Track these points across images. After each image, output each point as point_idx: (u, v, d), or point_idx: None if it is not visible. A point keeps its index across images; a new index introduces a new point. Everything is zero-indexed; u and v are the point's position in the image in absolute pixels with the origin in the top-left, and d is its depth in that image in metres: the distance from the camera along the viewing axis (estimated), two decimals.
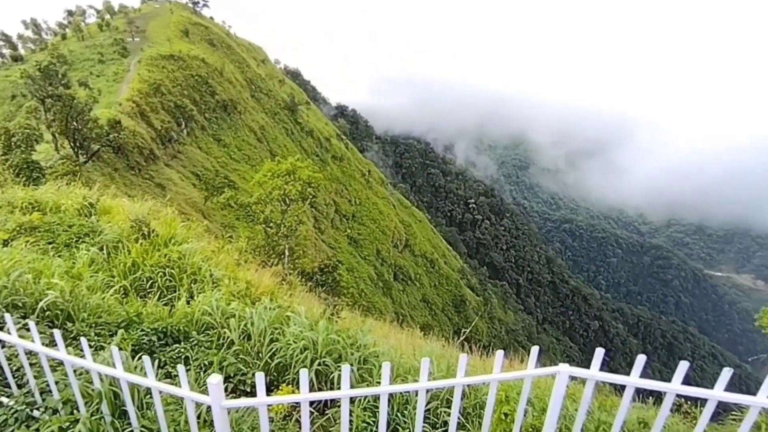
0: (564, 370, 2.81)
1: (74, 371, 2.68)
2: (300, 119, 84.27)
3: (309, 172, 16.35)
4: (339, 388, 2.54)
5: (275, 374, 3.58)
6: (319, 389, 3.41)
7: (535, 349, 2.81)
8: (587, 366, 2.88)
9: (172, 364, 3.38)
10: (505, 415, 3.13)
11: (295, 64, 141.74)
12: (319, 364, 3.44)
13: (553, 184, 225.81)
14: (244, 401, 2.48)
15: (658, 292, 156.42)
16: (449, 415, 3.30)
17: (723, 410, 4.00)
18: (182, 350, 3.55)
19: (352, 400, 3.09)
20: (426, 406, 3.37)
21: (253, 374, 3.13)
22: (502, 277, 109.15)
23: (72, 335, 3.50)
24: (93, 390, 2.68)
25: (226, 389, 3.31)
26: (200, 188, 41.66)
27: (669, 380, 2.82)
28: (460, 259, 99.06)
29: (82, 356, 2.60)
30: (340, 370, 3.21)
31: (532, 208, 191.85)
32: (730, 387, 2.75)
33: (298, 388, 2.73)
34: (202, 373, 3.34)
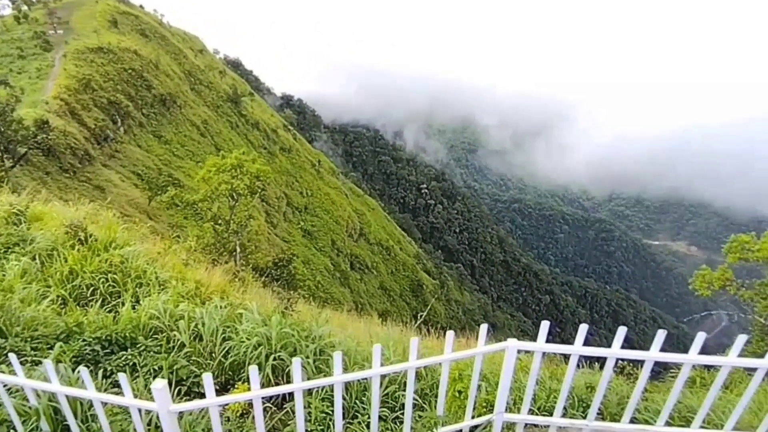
0: (512, 344, 2.94)
1: (8, 389, 2.57)
2: (244, 111, 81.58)
3: (256, 166, 16.10)
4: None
5: (230, 373, 3.55)
6: (276, 384, 3.38)
7: (484, 328, 2.89)
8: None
9: (120, 372, 3.27)
10: (459, 392, 3.20)
11: (235, 54, 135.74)
12: (274, 359, 3.43)
13: (501, 165, 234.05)
14: (192, 404, 2.46)
15: (602, 263, 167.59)
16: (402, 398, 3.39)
17: (663, 369, 4.38)
18: (129, 357, 3.46)
19: (309, 392, 3.13)
20: (384, 390, 3.47)
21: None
22: (456, 259, 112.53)
23: (5, 352, 3.29)
24: (30, 407, 2.58)
25: (179, 392, 3.26)
26: (143, 188, 39.70)
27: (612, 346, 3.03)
28: (415, 245, 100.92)
29: (15, 373, 2.50)
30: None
31: (483, 190, 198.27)
32: (670, 347, 3.00)
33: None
34: (152, 378, 3.26)
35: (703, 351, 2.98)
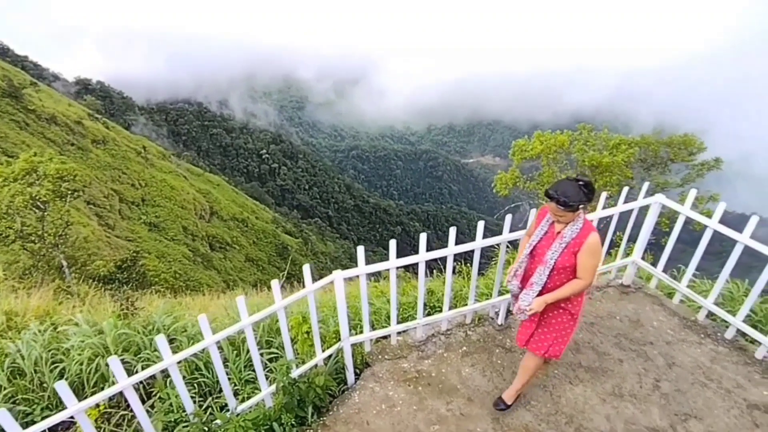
0: (338, 275, 3.14)
1: None
2: (31, 106, 68.93)
3: (55, 165, 13.44)
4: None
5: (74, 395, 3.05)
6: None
7: (306, 268, 3.02)
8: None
9: None
10: (307, 333, 3.35)
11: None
12: None
13: (330, 117, 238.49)
14: None
15: (435, 188, 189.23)
16: (268, 354, 3.67)
17: (488, 259, 5.21)
18: None
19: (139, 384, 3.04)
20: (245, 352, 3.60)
21: (41, 409, 2.95)
22: (312, 214, 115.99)
23: None
24: None
25: None
26: None
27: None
28: (270, 210, 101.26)
29: None
30: (144, 362, 3.35)
31: (321, 144, 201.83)
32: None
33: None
34: None
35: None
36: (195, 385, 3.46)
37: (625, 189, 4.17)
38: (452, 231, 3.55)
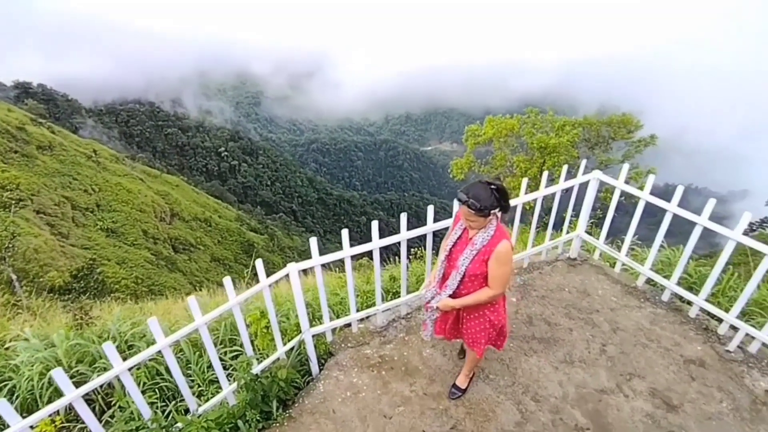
0: (293, 267, 3.11)
1: None
2: None
3: None
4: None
5: (27, 414, 2.84)
6: (89, 400, 3.05)
7: (259, 263, 2.98)
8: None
9: None
10: (267, 328, 3.27)
11: None
12: (72, 377, 3.06)
13: (287, 111, 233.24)
14: None
15: (396, 176, 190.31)
16: (232, 352, 3.57)
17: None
18: None
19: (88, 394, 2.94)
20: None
21: None
22: (277, 210, 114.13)
23: None
24: None
25: None
26: None
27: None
28: (233, 208, 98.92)
29: None
30: (100, 372, 3.16)
31: (280, 139, 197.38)
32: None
33: (57, 413, 2.57)
34: None
35: None
36: (157, 390, 3.32)
37: (565, 167, 4.31)
38: (403, 217, 3.58)
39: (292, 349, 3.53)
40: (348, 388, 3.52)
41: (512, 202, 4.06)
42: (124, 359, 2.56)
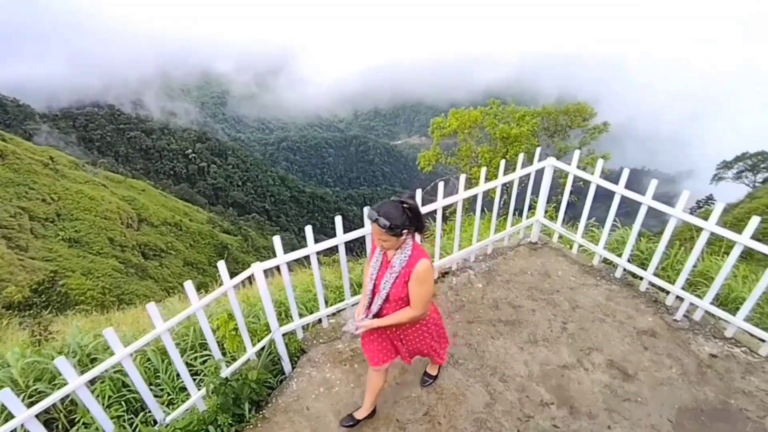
0: (257, 267, 3.04)
1: None
2: None
3: None
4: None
5: None
6: (52, 419, 3.00)
7: (222, 265, 2.90)
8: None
9: None
10: (235, 329, 3.20)
11: None
12: (30, 397, 2.96)
13: (255, 110, 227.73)
14: None
15: (368, 171, 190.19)
16: (202, 357, 3.47)
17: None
18: None
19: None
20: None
21: None
22: (249, 210, 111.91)
23: None
24: None
25: None
26: None
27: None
28: (204, 211, 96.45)
29: None
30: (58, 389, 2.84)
31: (249, 138, 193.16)
32: None
33: None
34: None
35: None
36: (123, 402, 3.19)
37: (521, 156, 4.41)
38: (366, 211, 3.56)
39: (263, 349, 3.47)
40: (321, 383, 3.51)
41: (473, 191, 4.15)
42: (84, 373, 2.43)
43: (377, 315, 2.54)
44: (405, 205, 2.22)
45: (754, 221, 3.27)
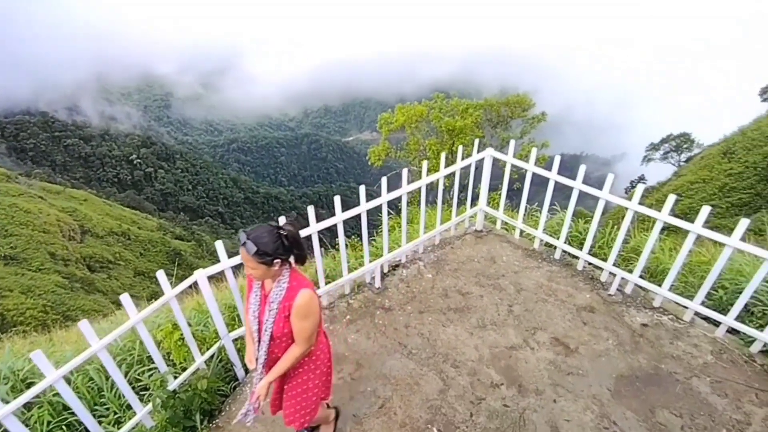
0: (200, 274, 2.92)
1: None
2: None
3: None
4: None
5: None
6: None
7: (161, 274, 2.76)
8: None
9: None
10: (182, 339, 3.10)
11: None
12: None
13: (202, 111, 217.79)
14: None
15: (321, 169, 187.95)
16: (149, 371, 3.25)
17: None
18: None
19: None
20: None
21: None
22: (202, 214, 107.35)
23: None
24: None
25: None
26: None
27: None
28: (153, 218, 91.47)
29: None
30: None
31: (197, 141, 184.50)
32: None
33: None
34: None
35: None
36: (64, 427, 2.98)
37: (461, 148, 4.49)
38: (337, 200, 3.65)
39: (212, 357, 3.33)
40: None
41: (416, 185, 4.16)
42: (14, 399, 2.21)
43: (269, 359, 2.20)
44: (282, 233, 1.93)
45: (671, 199, 3.52)
